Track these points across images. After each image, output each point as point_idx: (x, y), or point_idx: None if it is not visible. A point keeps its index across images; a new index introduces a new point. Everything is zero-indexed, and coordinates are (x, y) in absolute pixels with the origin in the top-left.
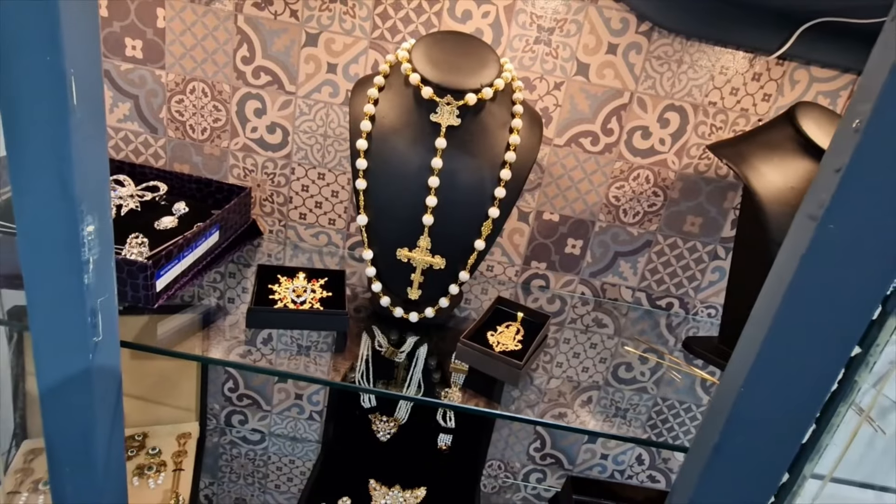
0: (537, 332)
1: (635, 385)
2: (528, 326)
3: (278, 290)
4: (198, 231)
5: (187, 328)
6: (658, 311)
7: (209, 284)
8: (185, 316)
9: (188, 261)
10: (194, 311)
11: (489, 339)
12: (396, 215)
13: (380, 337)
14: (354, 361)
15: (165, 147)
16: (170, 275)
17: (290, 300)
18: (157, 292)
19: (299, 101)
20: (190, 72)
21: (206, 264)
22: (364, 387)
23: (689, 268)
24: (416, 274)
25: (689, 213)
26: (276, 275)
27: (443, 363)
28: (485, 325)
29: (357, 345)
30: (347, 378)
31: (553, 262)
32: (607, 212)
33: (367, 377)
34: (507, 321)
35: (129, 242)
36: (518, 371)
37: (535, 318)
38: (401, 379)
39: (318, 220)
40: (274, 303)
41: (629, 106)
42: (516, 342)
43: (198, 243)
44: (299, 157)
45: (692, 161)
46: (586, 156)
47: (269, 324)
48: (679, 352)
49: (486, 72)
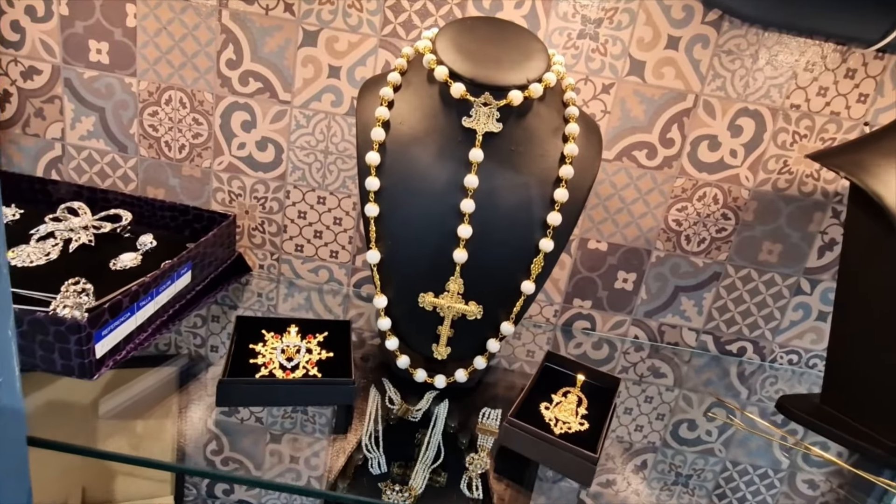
0: (604, 400)
1: (700, 446)
2: (591, 392)
3: (263, 350)
4: (161, 273)
5: (144, 399)
6: (727, 357)
7: (187, 330)
8: (140, 382)
9: (147, 312)
10: (156, 373)
11: (543, 414)
12: (418, 250)
13: (391, 392)
14: (361, 423)
15: (137, 168)
16: (117, 334)
17: (277, 365)
18: (96, 360)
19: (295, 111)
20: (166, 79)
21: (175, 312)
22: (372, 451)
23: (765, 305)
24: (444, 326)
25: (765, 238)
26: (259, 329)
27: (467, 421)
28: (534, 391)
29: (364, 400)
30: (354, 458)
31: (600, 300)
32: (666, 238)
33: (375, 439)
34: (563, 386)
35: (63, 291)
36: (591, 466)
37: (600, 382)
38: (417, 441)
39: (317, 252)
40: (255, 370)
41: (693, 111)
42: (580, 419)
43: (161, 288)
44: (295, 179)
45: (770, 176)
46: (641, 172)
47: (249, 400)
48: (752, 405)
49: (531, 64)
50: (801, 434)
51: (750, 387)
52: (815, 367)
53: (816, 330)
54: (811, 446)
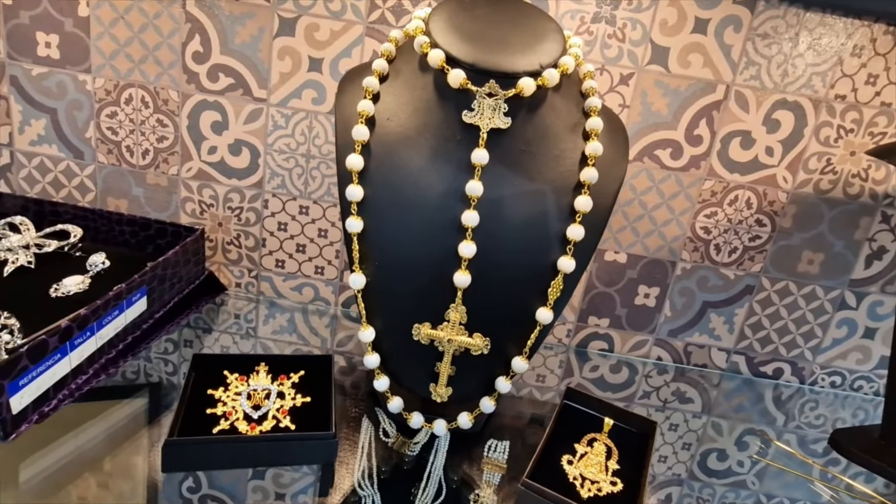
0: (636, 449)
1: (730, 478)
2: (621, 437)
3: (224, 397)
4: (105, 302)
5: (79, 462)
6: (762, 380)
7: (157, 357)
8: (76, 438)
9: (86, 350)
10: (121, 407)
11: (566, 470)
12: (412, 273)
13: (385, 424)
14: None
15: (95, 177)
16: (44, 381)
17: (241, 415)
18: (13, 416)
19: (272, 110)
20: (124, 75)
21: (128, 346)
22: (366, 489)
23: (804, 321)
24: (443, 363)
25: (805, 247)
26: (221, 370)
27: (471, 472)
28: (553, 438)
29: (356, 431)
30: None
31: (618, 318)
32: (693, 248)
33: (368, 475)
34: (587, 431)
35: None
36: None
37: (632, 425)
38: (415, 478)
39: (300, 268)
40: (212, 423)
41: (724, 104)
42: (611, 476)
43: (105, 320)
44: (274, 186)
45: (811, 177)
46: (665, 173)
47: (204, 462)
48: (790, 433)
49: (545, 46)
50: (844, 465)
51: (787, 412)
52: (861, 389)
53: (862, 349)
54: (853, 481)
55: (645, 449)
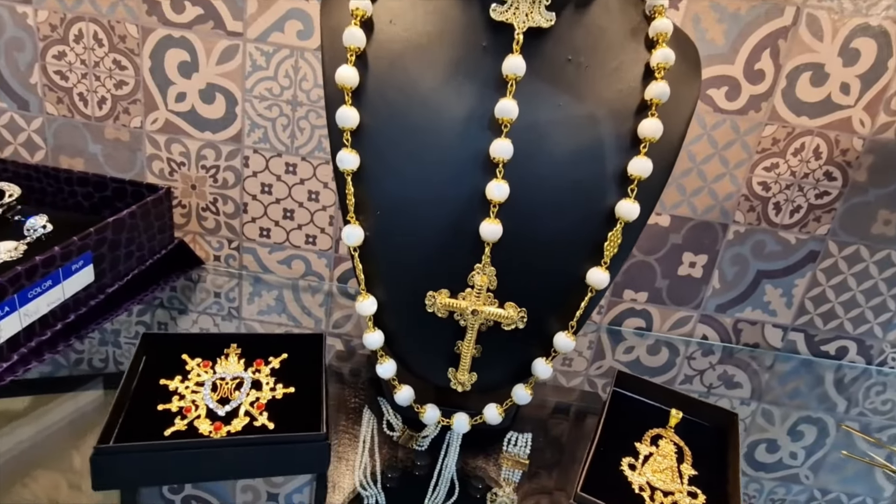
0: (713, 447)
1: (781, 471)
2: (691, 433)
3: (181, 389)
4: (27, 269)
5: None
6: (822, 360)
7: (127, 342)
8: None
9: (9, 327)
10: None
11: (629, 477)
12: (424, 223)
13: (390, 416)
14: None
15: (44, 131)
16: None
17: (203, 412)
18: None
19: (250, 47)
20: (72, 6)
21: (71, 325)
22: (368, 488)
23: (876, 292)
24: (466, 341)
25: (881, 205)
26: (178, 353)
27: (487, 450)
28: (606, 435)
29: (357, 423)
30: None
31: (658, 291)
32: (749, 208)
33: (371, 473)
34: (649, 427)
35: None
36: None
37: (704, 418)
38: (425, 476)
39: (288, 238)
40: (165, 422)
41: (792, 31)
42: (687, 485)
43: (31, 291)
44: (255, 140)
45: (894, 120)
46: (718, 118)
47: (149, 476)
48: (852, 420)
49: None
50: None
51: (850, 397)
52: None
53: None
54: None
55: (724, 448)
